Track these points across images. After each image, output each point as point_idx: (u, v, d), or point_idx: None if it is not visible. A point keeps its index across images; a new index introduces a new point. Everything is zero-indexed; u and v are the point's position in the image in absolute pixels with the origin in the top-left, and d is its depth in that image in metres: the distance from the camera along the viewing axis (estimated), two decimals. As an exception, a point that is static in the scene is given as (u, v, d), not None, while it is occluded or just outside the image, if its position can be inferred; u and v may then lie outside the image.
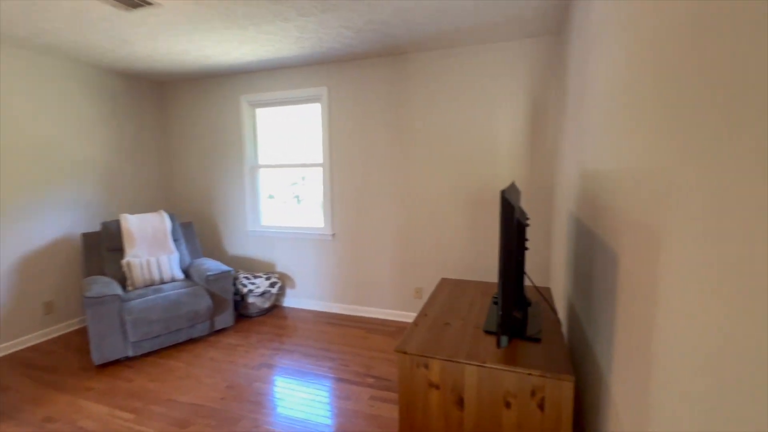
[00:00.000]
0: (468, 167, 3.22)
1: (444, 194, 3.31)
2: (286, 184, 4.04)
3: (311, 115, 3.79)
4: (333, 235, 3.74)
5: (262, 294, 3.67)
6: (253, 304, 3.63)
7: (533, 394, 1.25)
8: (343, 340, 3.18)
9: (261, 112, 4.01)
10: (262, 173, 4.09)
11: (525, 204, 3.13)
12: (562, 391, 1.22)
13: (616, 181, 1.19)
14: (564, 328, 2.10)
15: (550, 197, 3.04)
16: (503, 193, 1.27)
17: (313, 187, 3.90)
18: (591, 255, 1.48)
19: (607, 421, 1.21)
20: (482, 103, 3.11)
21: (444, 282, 2.19)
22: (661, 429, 0.80)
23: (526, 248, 1.63)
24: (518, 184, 3.12)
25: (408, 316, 3.57)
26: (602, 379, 1.26)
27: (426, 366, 1.36)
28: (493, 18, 2.54)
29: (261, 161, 4.08)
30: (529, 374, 1.24)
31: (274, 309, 3.94)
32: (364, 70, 3.44)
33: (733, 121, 0.57)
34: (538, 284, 3.17)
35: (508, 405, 1.28)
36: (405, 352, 1.39)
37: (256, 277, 3.80)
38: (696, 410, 0.67)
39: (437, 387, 1.35)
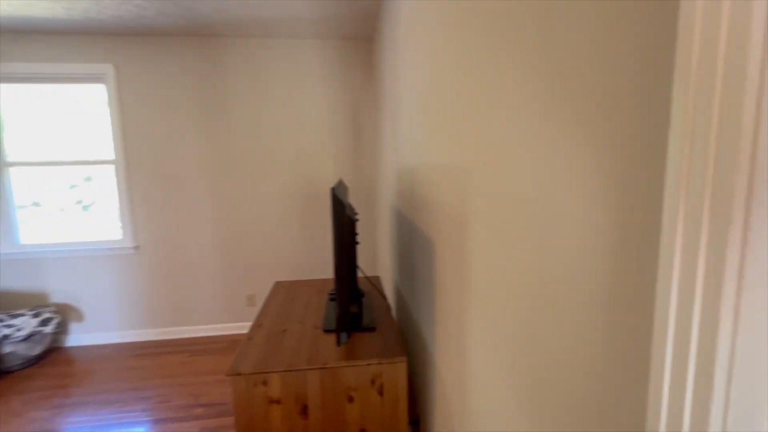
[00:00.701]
0: (295, 165, 3.15)
1: (272, 193, 3.15)
2: (63, 188, 3.08)
3: (94, 100, 2.99)
4: (136, 247, 3.07)
5: (29, 337, 2.72)
6: (12, 353, 2.65)
7: (373, 382, 1.30)
8: (159, 372, 2.66)
9: (8, 90, 2.92)
10: (17, 173, 3.00)
11: (353, 200, 3.28)
12: (398, 372, 1.31)
13: (429, 177, 1.34)
14: (394, 313, 2.30)
15: (374, 192, 3.28)
16: (333, 190, 1.26)
17: (104, 191, 3.10)
18: (412, 243, 1.64)
19: (434, 392, 1.37)
20: (305, 100, 3.09)
21: (278, 285, 2.08)
22: (480, 399, 0.93)
23: (358, 242, 1.69)
24: (345, 181, 3.24)
25: (242, 327, 3.27)
26: (429, 355, 1.42)
27: (265, 383, 1.24)
28: (301, 13, 2.53)
29: (12, 157, 2.98)
30: (368, 364, 1.28)
31: (52, 354, 2.98)
32: (167, 50, 2.91)
33: (507, 125, 0.69)
34: (368, 274, 3.39)
35: (351, 400, 1.29)
36: (239, 374, 1.23)
37: (15, 316, 2.78)
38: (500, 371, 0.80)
39: (278, 402, 1.26)
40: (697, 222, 0.35)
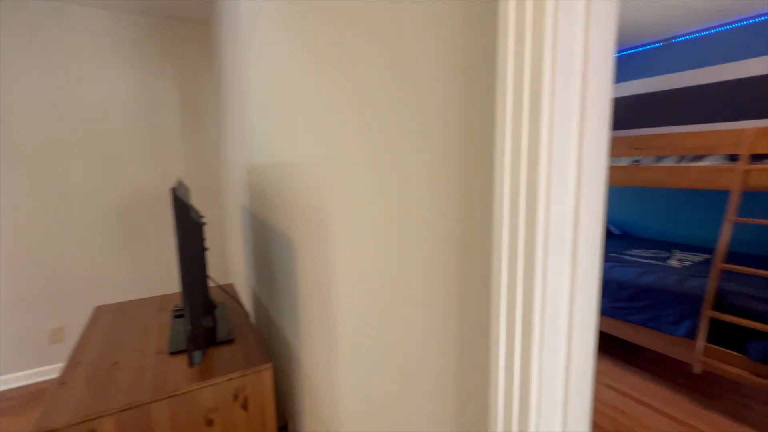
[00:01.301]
0: (113, 164, 2.60)
1: (82, 199, 2.53)
2: None
3: None
4: None
5: None
6: None
7: (236, 397, 1.20)
8: None
9: None
10: None
11: (196, 202, 2.92)
12: (263, 381, 1.24)
13: (284, 175, 1.30)
14: (253, 319, 2.16)
15: (221, 192, 3.00)
16: (174, 191, 1.10)
17: None
18: (269, 245, 1.57)
19: (302, 393, 1.35)
20: (126, 85, 2.58)
21: (100, 311, 1.70)
22: (349, 394, 0.96)
23: (206, 248, 1.51)
24: (186, 182, 2.86)
25: (47, 373, 2.54)
26: (295, 356, 1.39)
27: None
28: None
29: None
30: (230, 379, 1.18)
31: None
32: None
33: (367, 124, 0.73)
34: (221, 283, 3.08)
35: (210, 423, 1.16)
36: (52, 430, 0.96)
37: None
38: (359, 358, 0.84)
39: (114, 450, 1.03)
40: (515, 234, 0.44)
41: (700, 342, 2.01)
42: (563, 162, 0.42)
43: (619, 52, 3.62)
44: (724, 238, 2.09)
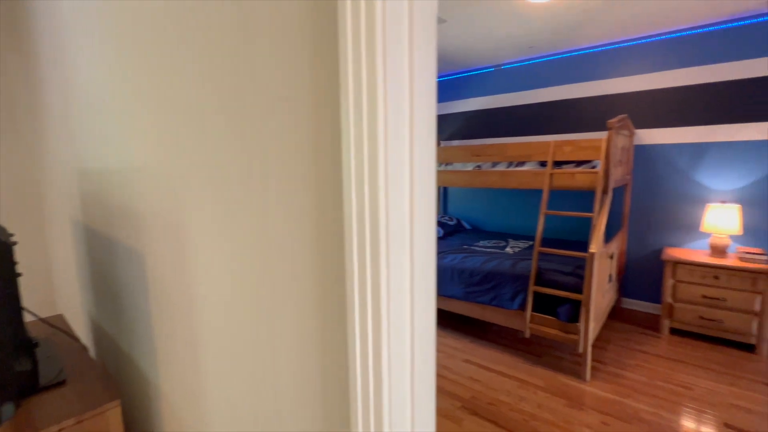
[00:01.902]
0: None
1: None
2: None
3: None
4: None
5: None
6: None
7: (71, 449, 1.00)
8: None
9: None
10: None
11: (3, 215, 2.30)
12: (109, 422, 1.06)
13: (133, 180, 1.14)
14: (94, 353, 1.82)
15: (41, 203, 2.42)
16: (-39, 204, 0.86)
17: None
18: (113, 262, 1.35)
19: (164, 424, 1.20)
20: None
21: None
22: (217, 412, 0.90)
23: (19, 274, 1.22)
24: (-19, 191, 2.22)
25: None
26: (153, 385, 1.23)
27: None
28: None
29: None
30: (60, 430, 0.98)
31: None
32: None
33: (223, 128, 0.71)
34: (44, 315, 2.49)
35: (34, 488, 0.94)
36: None
37: None
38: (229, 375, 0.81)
39: None
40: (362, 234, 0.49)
41: (528, 312, 2.50)
42: (399, 174, 0.50)
43: (459, 73, 4.23)
44: (540, 227, 2.63)
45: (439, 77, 4.45)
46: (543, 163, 2.77)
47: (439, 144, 4.49)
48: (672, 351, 2.67)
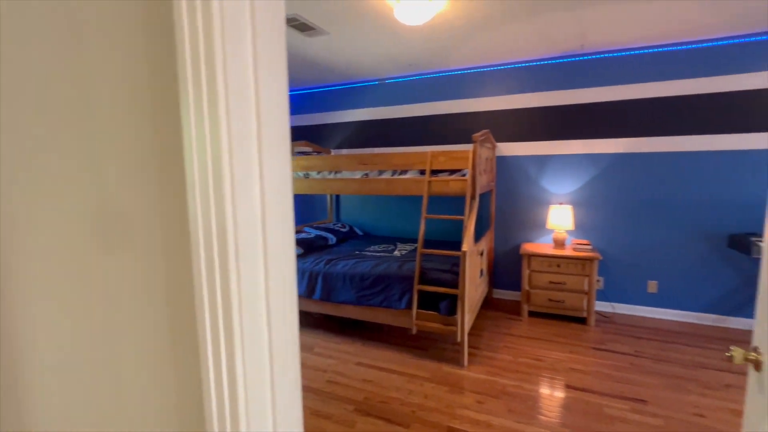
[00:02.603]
0: None
1: None
2: None
3: None
4: None
5: None
6: None
7: None
8: None
9: None
10: None
11: None
12: None
13: None
14: None
15: None
16: None
17: None
18: None
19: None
20: None
21: None
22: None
23: None
24: None
25: None
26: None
27: None
28: None
29: None
30: None
31: None
32: None
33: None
34: None
35: None
36: None
37: None
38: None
39: None
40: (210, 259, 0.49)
41: (414, 310, 2.68)
42: (247, 183, 0.50)
43: (346, 84, 4.37)
44: (422, 230, 2.86)
45: (327, 87, 4.51)
46: (422, 172, 3.01)
47: (329, 152, 4.53)
48: (530, 330, 3.14)
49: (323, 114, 4.57)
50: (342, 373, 2.54)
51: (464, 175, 2.84)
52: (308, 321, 3.44)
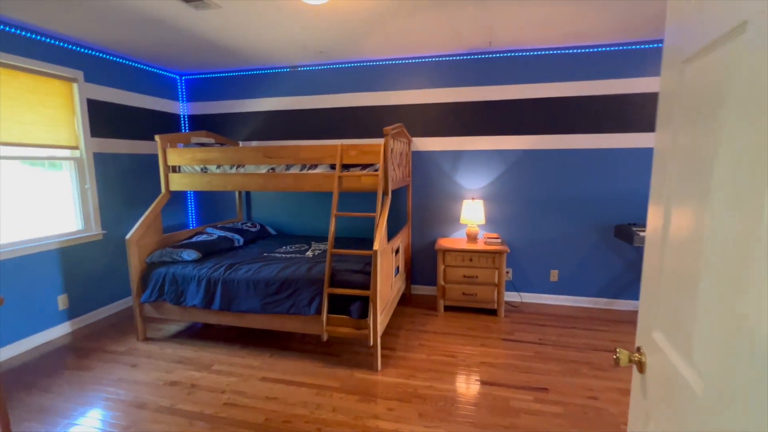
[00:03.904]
0: None
1: None
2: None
3: None
4: None
5: None
6: None
7: None
8: None
9: None
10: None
11: None
12: None
13: None
14: None
15: None
16: None
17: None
18: None
19: None
20: None
21: None
22: None
23: None
24: None
25: None
26: None
27: None
28: None
29: None
30: None
31: None
32: None
33: None
34: None
35: None
36: None
37: None
38: None
39: None
40: None
41: (324, 315, 2.49)
42: None
43: (254, 70, 3.98)
44: (332, 229, 2.67)
45: (231, 72, 4.07)
46: (333, 166, 2.82)
47: (237, 145, 4.11)
48: (445, 326, 3.14)
49: (230, 102, 4.13)
50: (242, 392, 2.26)
51: (377, 170, 2.71)
52: (208, 334, 3.06)
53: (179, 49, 3.33)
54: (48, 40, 2.91)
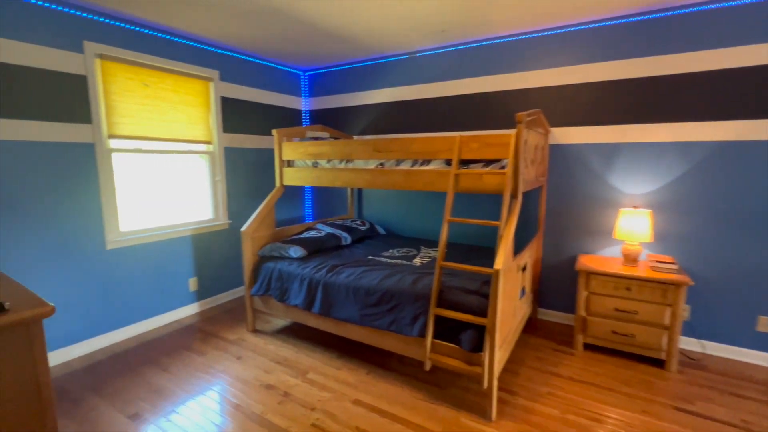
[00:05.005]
0: None
1: None
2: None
3: None
4: None
5: None
6: None
7: None
8: None
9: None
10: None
11: None
12: None
13: None
14: None
15: None
16: None
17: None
18: None
19: None
20: None
21: None
22: None
23: None
24: None
25: None
26: None
27: None
28: None
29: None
30: None
31: None
32: None
33: None
34: None
35: None
36: None
37: None
38: None
39: None
40: None
41: (428, 339, 2.07)
42: None
43: (371, 60, 3.77)
44: (443, 237, 2.23)
45: (349, 64, 3.94)
46: (449, 162, 2.37)
47: (351, 138, 3.99)
48: (585, 371, 2.41)
49: (347, 95, 4.02)
50: (333, 415, 2.01)
51: (503, 167, 2.16)
52: (310, 335, 2.95)
53: (297, 44, 3.29)
54: (189, 42, 3.15)
